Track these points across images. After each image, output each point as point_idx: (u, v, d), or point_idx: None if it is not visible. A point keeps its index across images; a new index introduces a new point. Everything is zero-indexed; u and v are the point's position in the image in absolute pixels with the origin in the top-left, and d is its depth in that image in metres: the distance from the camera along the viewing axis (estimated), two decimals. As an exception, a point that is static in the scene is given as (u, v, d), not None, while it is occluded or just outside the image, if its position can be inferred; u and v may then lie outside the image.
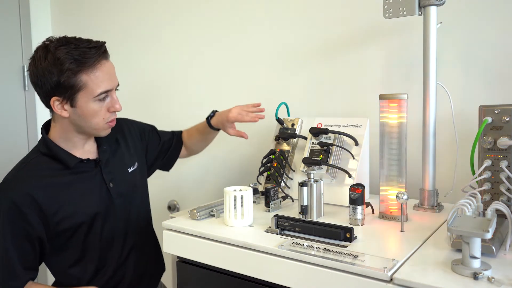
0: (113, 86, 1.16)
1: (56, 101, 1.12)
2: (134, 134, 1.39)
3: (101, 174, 1.22)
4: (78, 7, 2.30)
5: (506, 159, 0.94)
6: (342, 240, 0.90)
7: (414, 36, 1.31)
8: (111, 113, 1.17)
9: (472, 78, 1.26)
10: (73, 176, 1.18)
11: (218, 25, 1.77)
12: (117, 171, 1.27)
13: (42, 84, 1.11)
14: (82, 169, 1.20)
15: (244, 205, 1.02)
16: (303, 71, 1.57)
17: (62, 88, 1.10)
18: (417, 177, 1.18)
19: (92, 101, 1.13)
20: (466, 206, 0.82)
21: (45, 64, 1.09)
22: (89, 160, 1.21)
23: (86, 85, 1.11)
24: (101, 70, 1.13)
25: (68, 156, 1.17)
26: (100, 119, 1.15)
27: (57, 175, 1.16)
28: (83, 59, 1.10)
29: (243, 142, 1.73)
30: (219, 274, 0.98)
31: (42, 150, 1.18)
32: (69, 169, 1.17)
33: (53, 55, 1.09)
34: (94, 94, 1.12)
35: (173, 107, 1.93)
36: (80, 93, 1.11)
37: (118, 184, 1.25)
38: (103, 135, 1.21)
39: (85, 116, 1.14)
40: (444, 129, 1.24)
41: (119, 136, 1.33)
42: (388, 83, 1.40)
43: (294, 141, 1.35)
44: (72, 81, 1.09)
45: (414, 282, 0.72)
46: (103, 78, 1.13)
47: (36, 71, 1.11)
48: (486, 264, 0.75)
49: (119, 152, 1.31)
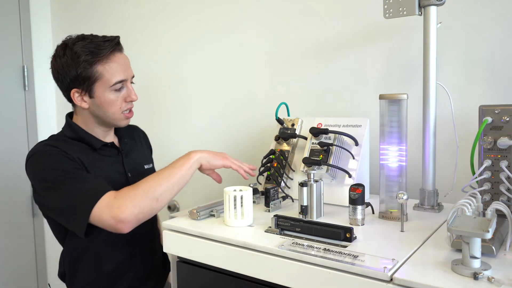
0: (127, 77, 1.22)
1: (76, 93, 1.19)
2: (143, 141, 1.47)
3: (122, 162, 1.29)
4: (78, 7, 2.30)
5: (506, 159, 0.94)
6: (342, 240, 0.90)
7: (414, 36, 1.31)
8: (127, 103, 1.23)
9: (472, 78, 1.26)
10: (99, 156, 1.24)
11: (218, 25, 1.77)
12: (135, 164, 1.33)
13: (63, 78, 1.19)
14: (107, 152, 1.27)
15: (244, 205, 1.02)
16: (303, 71, 1.57)
17: (80, 80, 1.17)
18: (417, 177, 1.18)
19: (109, 91, 1.19)
20: (466, 206, 0.82)
21: (64, 59, 1.18)
22: (113, 144, 1.28)
23: (102, 75, 1.17)
24: (115, 61, 1.19)
25: (93, 138, 1.24)
26: (117, 108, 1.21)
27: (85, 152, 1.21)
28: (97, 51, 1.17)
29: (243, 142, 1.73)
30: (219, 274, 0.98)
31: (68, 134, 1.24)
32: (95, 150, 1.23)
33: (71, 50, 1.17)
34: (109, 84, 1.18)
35: (171, 107, 1.93)
36: (97, 83, 1.18)
37: (135, 176, 1.27)
38: (122, 126, 1.27)
39: (103, 106, 1.20)
40: (444, 129, 1.24)
41: (135, 135, 1.42)
42: (388, 83, 1.40)
43: (294, 141, 1.35)
44: (88, 72, 1.16)
45: (414, 282, 0.72)
46: (118, 68, 1.19)
47: (56, 66, 1.20)
48: (486, 264, 0.75)
49: (136, 148, 1.38)
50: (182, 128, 1.91)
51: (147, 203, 1.05)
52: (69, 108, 1.28)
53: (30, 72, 2.35)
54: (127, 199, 1.03)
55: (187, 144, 1.89)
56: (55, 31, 2.42)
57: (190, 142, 1.89)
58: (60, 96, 2.59)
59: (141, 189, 1.06)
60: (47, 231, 2.42)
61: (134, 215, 1.03)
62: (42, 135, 2.40)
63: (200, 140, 1.86)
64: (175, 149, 1.62)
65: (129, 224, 1.03)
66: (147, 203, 1.05)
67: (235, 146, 1.75)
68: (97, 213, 1.03)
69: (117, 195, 1.05)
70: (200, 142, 1.86)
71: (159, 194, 1.06)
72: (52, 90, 2.45)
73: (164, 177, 1.08)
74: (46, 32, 2.41)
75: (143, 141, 1.46)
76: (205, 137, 1.85)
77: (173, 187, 1.09)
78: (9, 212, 2.30)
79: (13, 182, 2.32)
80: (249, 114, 1.72)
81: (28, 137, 2.38)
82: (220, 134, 1.81)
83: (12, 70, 2.32)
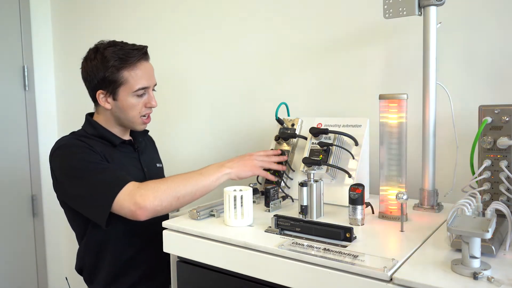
0: (150, 84, 1.31)
1: (101, 94, 1.29)
2: (152, 144, 1.56)
3: (139, 158, 1.38)
4: (78, 7, 2.30)
5: (505, 159, 0.94)
6: (342, 240, 0.90)
7: (414, 36, 1.31)
8: (147, 108, 1.32)
9: (472, 78, 1.26)
10: (118, 152, 1.33)
11: (218, 25, 1.77)
12: (149, 161, 1.43)
13: (91, 80, 1.29)
14: (125, 149, 1.36)
15: (244, 205, 1.02)
16: (303, 71, 1.57)
17: (106, 83, 1.26)
18: (417, 177, 1.18)
19: (131, 95, 1.28)
20: (465, 206, 0.82)
21: (94, 62, 1.27)
22: (130, 142, 1.38)
23: (127, 81, 1.26)
24: (141, 69, 1.28)
25: (112, 135, 1.33)
26: (136, 112, 1.30)
27: (106, 148, 1.29)
28: (126, 57, 1.26)
29: (243, 142, 1.73)
30: (219, 274, 0.98)
31: (89, 131, 1.32)
32: (114, 146, 1.32)
33: (102, 54, 1.26)
34: (133, 89, 1.27)
35: (171, 107, 1.93)
36: (121, 87, 1.27)
37: (150, 172, 1.39)
38: (138, 129, 1.36)
39: (124, 109, 1.29)
40: (444, 129, 1.24)
41: (145, 138, 1.50)
42: (388, 83, 1.40)
43: (294, 141, 1.35)
44: (115, 76, 1.26)
45: (414, 282, 0.72)
46: (142, 76, 1.28)
47: (86, 68, 1.29)
48: (486, 264, 0.75)
49: (148, 149, 1.48)
50: (182, 128, 1.91)
51: (167, 199, 1.10)
52: (69, 108, 1.30)
53: (30, 72, 2.35)
54: (149, 190, 1.09)
55: (187, 144, 1.89)
56: (55, 31, 2.42)
57: (190, 142, 1.89)
58: (60, 96, 2.60)
59: (166, 185, 1.11)
60: (47, 231, 2.42)
61: (153, 206, 1.08)
62: (42, 135, 2.40)
63: (200, 140, 1.86)
64: (175, 150, 1.62)
65: (146, 212, 1.08)
66: (167, 199, 1.10)
67: (235, 146, 1.76)
68: (120, 200, 1.09)
69: (141, 186, 1.11)
70: (200, 142, 1.86)
71: (182, 194, 1.11)
72: (52, 90, 2.46)
73: (190, 181, 1.13)
74: (46, 32, 2.41)
75: (153, 145, 1.57)
76: (205, 137, 1.85)
77: (196, 193, 1.14)
78: (9, 212, 2.30)
79: (14, 182, 2.33)
80: (249, 114, 1.72)
81: (28, 137, 2.38)
82: (220, 134, 1.81)
83: (12, 70, 2.32)
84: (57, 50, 2.43)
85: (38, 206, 2.40)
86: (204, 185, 1.13)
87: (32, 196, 2.39)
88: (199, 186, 1.13)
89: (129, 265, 1.31)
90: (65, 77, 2.41)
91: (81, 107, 2.33)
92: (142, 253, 1.33)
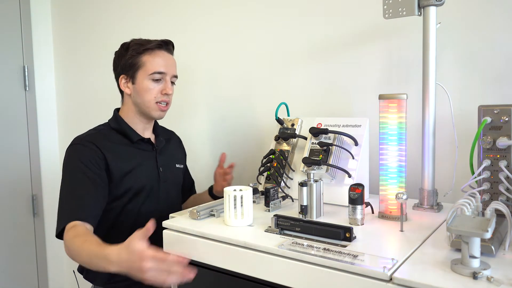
0: (167, 71, 1.36)
1: (123, 79, 1.37)
2: (178, 146, 1.60)
3: (156, 157, 1.41)
4: (78, 7, 2.30)
5: (505, 159, 0.94)
6: (341, 240, 0.90)
7: (413, 36, 1.31)
8: (162, 95, 1.36)
9: (472, 78, 1.26)
10: (134, 149, 1.38)
11: (218, 25, 1.77)
12: (167, 161, 1.46)
13: (116, 67, 1.40)
14: (143, 147, 1.40)
15: (244, 205, 1.03)
16: (303, 71, 1.57)
17: (127, 67, 1.35)
18: (417, 177, 1.18)
19: (148, 79, 1.34)
20: (465, 205, 0.82)
21: (120, 51, 1.39)
22: (149, 140, 1.42)
23: (144, 64, 1.34)
24: (160, 57, 1.36)
25: (133, 132, 1.39)
26: (151, 97, 1.34)
27: (122, 144, 1.36)
28: (146, 44, 1.35)
29: (243, 142, 1.74)
30: (219, 274, 0.99)
31: (112, 125, 1.40)
32: (132, 143, 1.38)
33: (126, 44, 1.38)
34: (148, 72, 1.33)
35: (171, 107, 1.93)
36: (139, 71, 1.34)
37: (166, 172, 1.43)
38: (156, 117, 1.39)
39: (140, 92, 1.35)
40: (444, 129, 1.24)
41: (172, 139, 1.55)
42: (388, 83, 1.40)
43: (294, 141, 1.35)
44: (134, 60, 1.34)
45: (413, 282, 0.72)
46: (160, 62, 1.35)
47: (114, 58, 1.40)
48: (486, 264, 0.75)
49: (170, 148, 1.51)
50: (182, 129, 1.91)
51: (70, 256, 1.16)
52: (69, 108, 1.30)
53: (30, 72, 2.35)
54: (64, 242, 1.17)
55: (187, 145, 1.89)
56: (56, 31, 2.42)
57: (190, 142, 1.89)
58: (60, 96, 2.60)
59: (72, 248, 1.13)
60: (48, 231, 2.42)
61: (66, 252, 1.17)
62: (43, 135, 2.40)
63: (200, 140, 1.87)
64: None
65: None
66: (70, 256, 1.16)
67: (235, 146, 1.76)
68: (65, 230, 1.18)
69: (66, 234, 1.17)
70: (200, 142, 1.86)
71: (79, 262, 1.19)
72: (52, 90, 2.46)
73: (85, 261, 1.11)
74: (47, 32, 2.41)
75: (177, 146, 1.59)
76: (205, 137, 1.85)
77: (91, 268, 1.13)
78: (10, 212, 2.30)
79: (14, 182, 2.33)
80: (249, 114, 1.72)
81: (28, 137, 2.38)
82: (220, 134, 1.81)
83: (13, 70, 2.32)
84: (57, 50, 2.43)
85: (39, 206, 2.40)
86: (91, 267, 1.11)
87: (33, 196, 2.39)
88: (87, 266, 1.14)
89: None
90: (65, 77, 2.42)
91: (81, 107, 2.34)
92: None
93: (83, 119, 1.43)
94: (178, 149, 1.58)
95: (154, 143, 1.43)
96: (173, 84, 1.41)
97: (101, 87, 2.20)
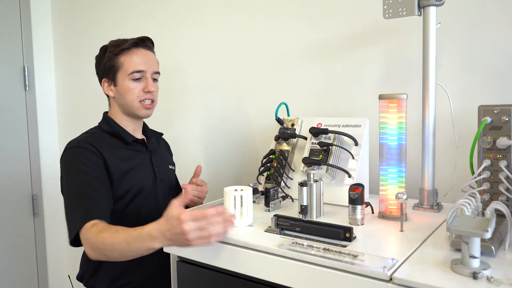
0: (147, 69, 1.33)
1: (105, 82, 1.36)
2: (166, 148, 1.57)
3: (150, 157, 1.40)
4: (78, 7, 2.30)
5: (505, 159, 0.94)
6: (341, 240, 0.90)
7: (413, 36, 1.31)
8: (145, 93, 1.33)
9: (472, 78, 1.26)
10: (130, 151, 1.36)
11: (218, 25, 1.77)
12: (160, 162, 1.44)
13: (98, 71, 1.38)
14: (137, 147, 1.39)
15: (244, 205, 1.03)
16: (303, 71, 1.57)
17: (107, 70, 1.34)
18: (417, 177, 1.18)
19: (128, 79, 1.32)
20: (465, 205, 0.82)
21: (99, 54, 1.37)
22: (143, 141, 1.40)
23: (122, 65, 1.32)
24: (137, 55, 1.33)
25: (126, 133, 1.37)
26: (134, 96, 1.32)
27: (117, 147, 1.34)
28: (122, 44, 1.33)
29: (243, 142, 1.74)
30: (219, 274, 0.99)
31: (104, 127, 1.37)
32: (127, 145, 1.36)
33: (105, 46, 1.36)
34: (127, 72, 1.31)
35: (171, 107, 1.94)
36: (119, 72, 1.32)
37: (161, 171, 1.42)
38: (142, 116, 1.37)
39: (123, 94, 1.33)
40: (444, 129, 1.24)
41: (160, 141, 1.52)
42: (388, 83, 1.40)
43: (294, 141, 1.35)
44: (113, 62, 1.33)
45: (413, 282, 0.72)
46: (138, 60, 1.32)
47: (96, 63, 1.39)
48: (485, 264, 0.75)
49: (161, 150, 1.50)
50: (182, 129, 1.92)
51: (98, 256, 1.11)
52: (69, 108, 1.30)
53: (30, 72, 2.35)
54: (87, 242, 1.12)
55: (187, 145, 1.89)
56: (55, 31, 2.42)
57: (190, 142, 1.89)
58: (60, 96, 2.60)
59: (101, 242, 1.08)
60: (48, 231, 2.42)
61: (90, 254, 1.12)
62: (43, 135, 2.40)
63: (199, 140, 1.87)
64: (175, 150, 1.62)
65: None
66: (98, 256, 1.11)
67: (235, 146, 1.76)
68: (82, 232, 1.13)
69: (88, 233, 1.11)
70: (200, 142, 1.86)
71: (111, 257, 1.10)
72: (52, 90, 2.46)
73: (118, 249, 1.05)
74: (47, 32, 2.41)
75: (167, 148, 1.59)
76: (205, 137, 1.85)
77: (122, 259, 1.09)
78: (10, 212, 2.30)
79: (14, 182, 2.33)
80: (249, 114, 1.72)
81: (28, 137, 2.38)
82: (220, 134, 1.81)
83: (13, 70, 2.32)
84: (57, 50, 2.43)
85: (38, 206, 2.40)
86: (128, 256, 1.07)
87: (32, 196, 2.39)
88: (123, 257, 1.08)
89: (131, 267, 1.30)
90: (65, 77, 2.42)
91: (81, 107, 2.34)
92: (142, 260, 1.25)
93: (83, 119, 1.43)
94: (167, 151, 1.58)
95: (147, 144, 1.42)
96: (156, 81, 1.38)
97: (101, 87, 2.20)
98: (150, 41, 1.39)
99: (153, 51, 1.40)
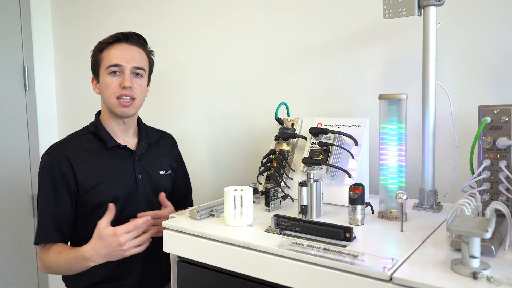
0: (124, 63, 1.29)
1: (94, 80, 1.36)
2: (170, 148, 1.50)
3: (133, 164, 1.34)
4: (78, 7, 2.30)
5: (505, 159, 0.94)
6: (341, 240, 0.90)
7: (413, 36, 1.31)
8: (122, 89, 1.28)
9: (472, 78, 1.26)
10: (109, 157, 1.32)
11: (218, 24, 1.77)
12: (148, 168, 1.37)
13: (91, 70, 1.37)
14: (119, 154, 1.33)
15: (244, 205, 1.03)
16: (303, 71, 1.57)
17: (93, 67, 1.34)
18: (417, 177, 1.18)
19: (106, 74, 1.29)
20: (465, 205, 0.82)
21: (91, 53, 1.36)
22: (126, 147, 1.34)
23: (102, 59, 1.30)
24: (116, 49, 1.30)
25: (109, 137, 1.33)
26: (110, 92, 1.28)
27: (96, 152, 1.31)
28: (104, 41, 1.32)
29: (243, 142, 1.74)
30: (219, 274, 0.99)
31: (91, 129, 1.36)
32: (107, 150, 1.31)
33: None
34: (105, 66, 1.29)
35: (171, 107, 1.94)
36: (100, 68, 1.31)
37: (145, 179, 1.35)
38: (119, 113, 1.30)
39: (102, 89, 1.31)
40: (444, 129, 1.24)
41: (161, 142, 1.47)
42: (388, 83, 1.40)
43: (294, 141, 1.35)
44: (96, 58, 1.33)
45: (413, 282, 0.72)
46: (116, 54, 1.29)
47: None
48: (486, 264, 0.75)
49: (154, 153, 1.42)
50: (182, 129, 1.91)
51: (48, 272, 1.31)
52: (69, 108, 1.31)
53: (30, 72, 2.35)
54: (39, 259, 1.29)
55: (187, 145, 1.89)
56: (55, 31, 2.42)
57: (190, 142, 1.89)
58: (60, 96, 2.59)
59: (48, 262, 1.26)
60: (48, 231, 2.42)
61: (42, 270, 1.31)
62: (43, 136, 2.40)
63: (200, 140, 1.87)
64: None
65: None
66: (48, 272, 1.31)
67: (234, 146, 1.76)
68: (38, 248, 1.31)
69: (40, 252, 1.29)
70: (200, 142, 1.86)
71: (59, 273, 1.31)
72: (52, 90, 2.46)
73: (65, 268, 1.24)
74: (47, 32, 2.41)
75: (168, 148, 1.49)
76: (205, 137, 1.85)
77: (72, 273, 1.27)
78: (9, 212, 2.30)
79: (14, 182, 2.33)
80: (249, 114, 1.72)
81: (28, 137, 2.38)
82: (219, 134, 1.81)
83: (13, 70, 2.32)
84: (57, 50, 2.43)
85: (38, 206, 2.40)
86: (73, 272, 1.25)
87: (32, 196, 2.39)
88: (68, 273, 1.28)
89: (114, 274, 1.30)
90: (65, 77, 2.42)
91: (81, 107, 2.34)
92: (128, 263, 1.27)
93: (83, 119, 1.42)
94: (167, 153, 1.47)
95: (133, 150, 1.35)
96: (139, 76, 1.31)
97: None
98: (139, 37, 1.35)
99: (143, 47, 1.35)
